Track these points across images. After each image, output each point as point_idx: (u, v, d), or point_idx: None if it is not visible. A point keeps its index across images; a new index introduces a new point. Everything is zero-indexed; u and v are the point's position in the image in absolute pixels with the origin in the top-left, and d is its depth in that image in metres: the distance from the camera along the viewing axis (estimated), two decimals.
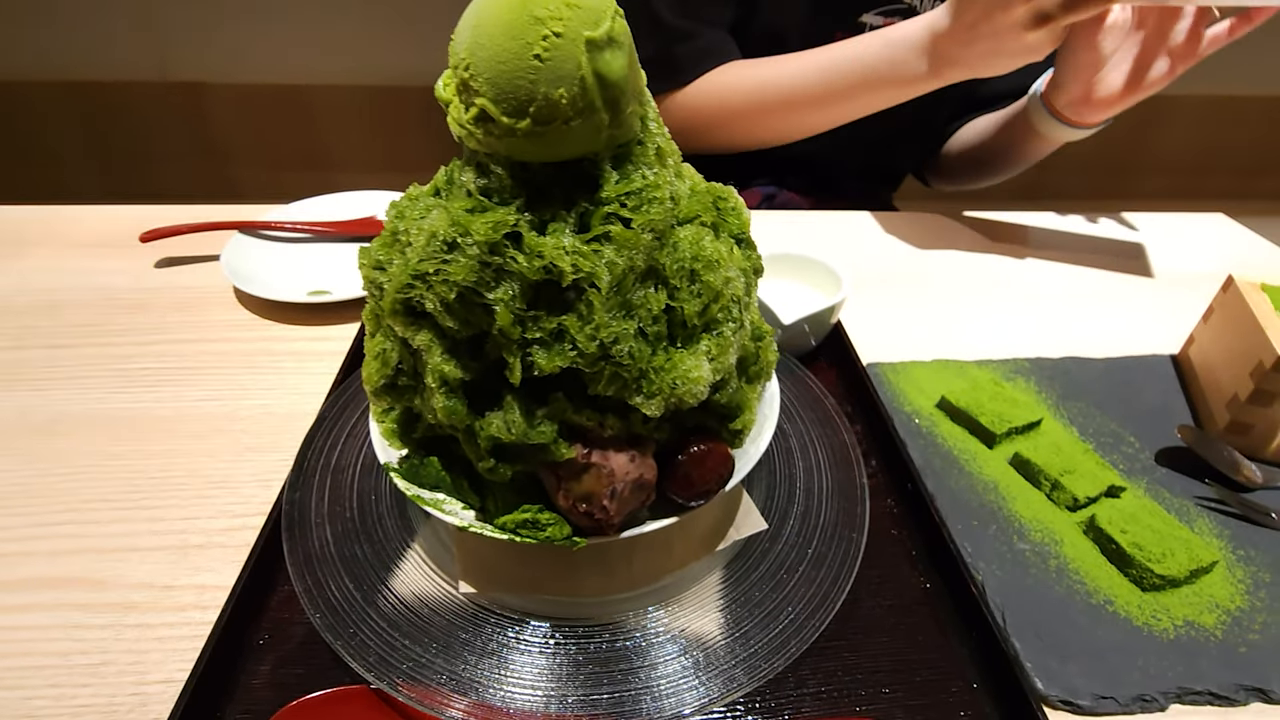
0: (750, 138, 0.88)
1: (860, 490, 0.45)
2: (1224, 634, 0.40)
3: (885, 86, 0.76)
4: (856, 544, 0.41)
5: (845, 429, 0.49)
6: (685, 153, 0.36)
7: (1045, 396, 0.58)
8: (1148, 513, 0.46)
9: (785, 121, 0.84)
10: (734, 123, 0.86)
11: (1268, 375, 0.50)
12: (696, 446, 0.34)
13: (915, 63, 0.72)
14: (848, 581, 0.39)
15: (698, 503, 0.35)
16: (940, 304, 0.72)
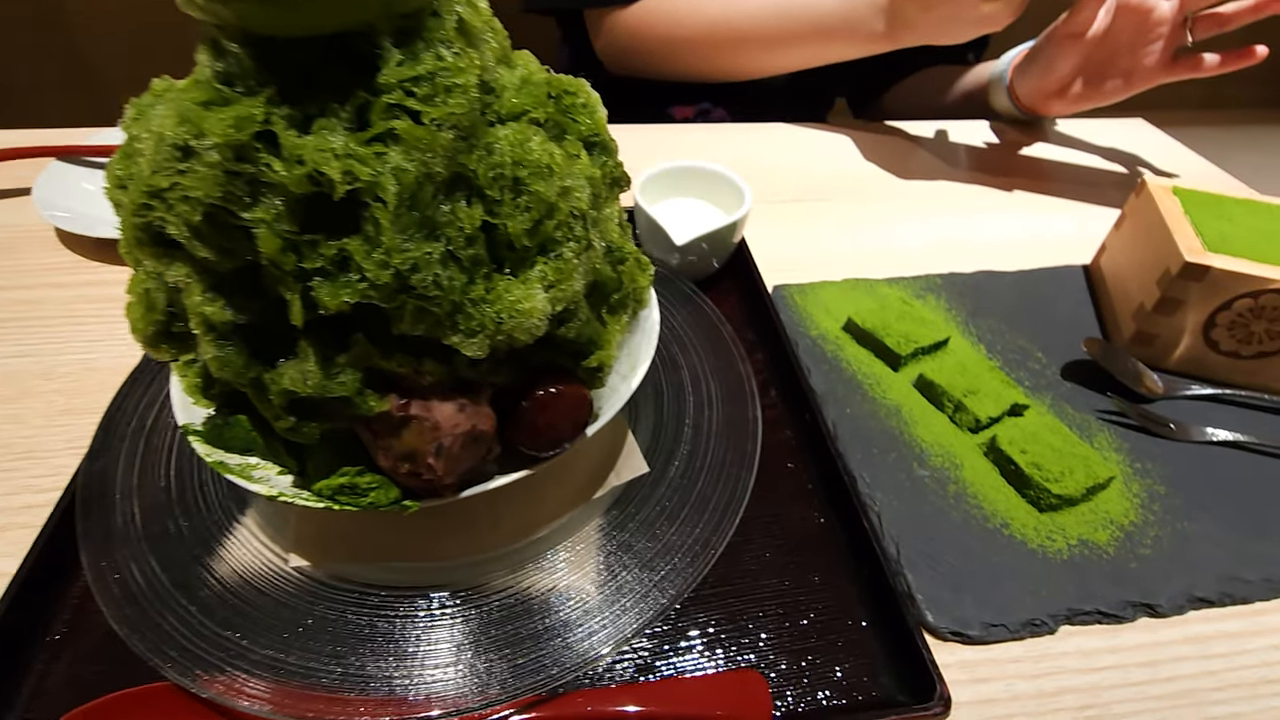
0: (695, 70, 0.84)
1: (753, 424, 0.41)
2: (1116, 550, 0.40)
3: (839, 40, 0.75)
4: (745, 483, 0.38)
5: (741, 358, 0.45)
6: (623, 76, 0.29)
7: (955, 314, 0.56)
8: (1049, 430, 0.44)
9: (734, 59, 0.81)
10: (680, 53, 0.82)
11: (1174, 282, 0.48)
12: (543, 390, 0.29)
13: (872, 21, 0.72)
14: (732, 525, 0.36)
15: (552, 453, 0.31)
16: (854, 221, 0.68)
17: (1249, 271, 0.46)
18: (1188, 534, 0.41)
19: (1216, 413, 0.49)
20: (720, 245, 0.54)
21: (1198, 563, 0.39)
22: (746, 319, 0.54)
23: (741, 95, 0.91)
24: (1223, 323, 0.48)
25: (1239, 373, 0.50)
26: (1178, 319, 0.49)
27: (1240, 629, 0.37)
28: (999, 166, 0.78)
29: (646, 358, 0.36)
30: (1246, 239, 0.49)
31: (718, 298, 0.55)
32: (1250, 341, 0.48)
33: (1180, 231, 0.49)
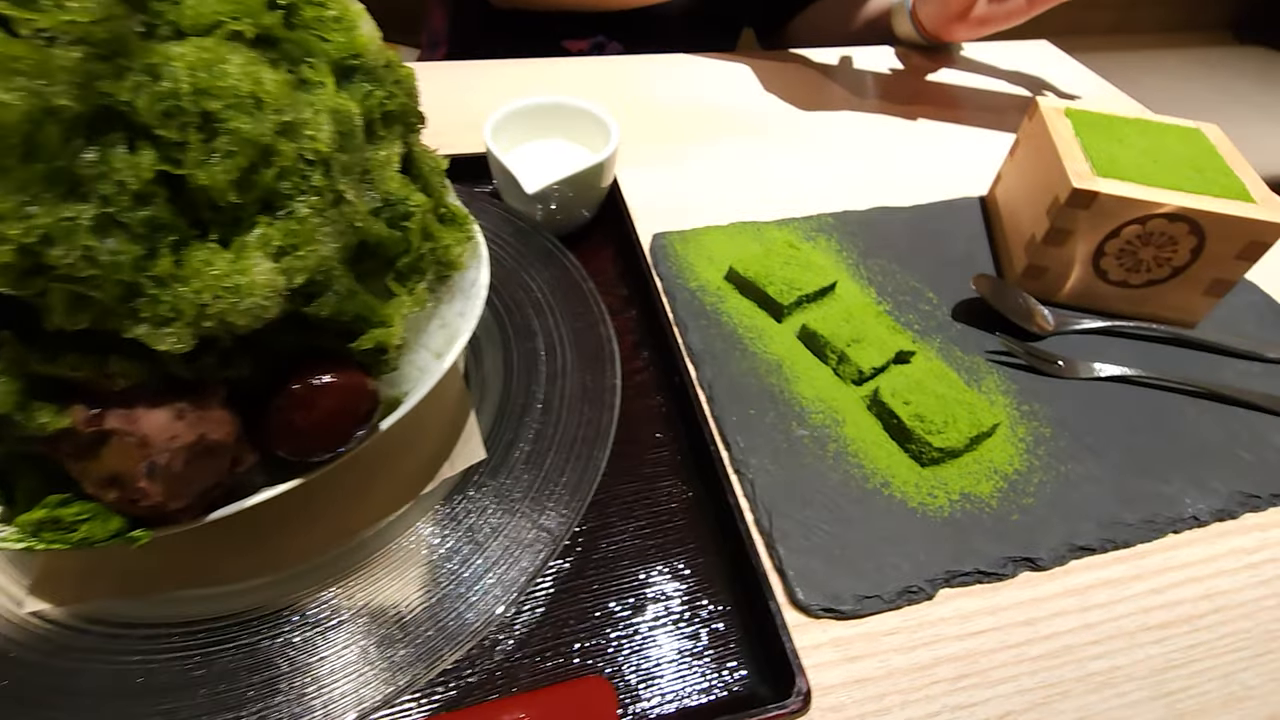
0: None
1: (610, 394, 0.37)
2: (999, 503, 0.37)
3: None
4: (596, 464, 0.34)
5: (603, 319, 0.41)
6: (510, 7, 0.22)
7: (846, 255, 0.52)
8: (935, 377, 0.41)
9: None
10: None
11: (1062, 210, 0.45)
12: (301, 383, 0.24)
13: None
14: (579, 511, 0.32)
15: (323, 458, 0.25)
16: (751, 158, 0.63)
17: (1136, 196, 0.43)
18: (1071, 478, 0.39)
19: (1108, 346, 0.47)
20: (586, 191, 0.48)
21: (1080, 508, 0.37)
22: (621, 273, 0.49)
23: (640, 27, 0.84)
24: (1111, 251, 0.46)
25: (1130, 303, 0.48)
26: (1067, 250, 0.47)
27: (1120, 575, 0.36)
28: (901, 96, 0.74)
29: (466, 329, 0.31)
30: (1136, 161, 0.46)
31: (589, 251, 0.50)
32: (1139, 270, 0.46)
33: (1070, 156, 0.46)
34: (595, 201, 0.50)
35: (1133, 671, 0.32)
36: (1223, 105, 1.69)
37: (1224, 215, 0.43)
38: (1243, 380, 0.45)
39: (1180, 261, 0.45)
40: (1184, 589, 0.35)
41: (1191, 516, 0.38)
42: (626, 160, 0.60)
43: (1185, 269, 0.46)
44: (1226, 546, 0.37)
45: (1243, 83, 1.82)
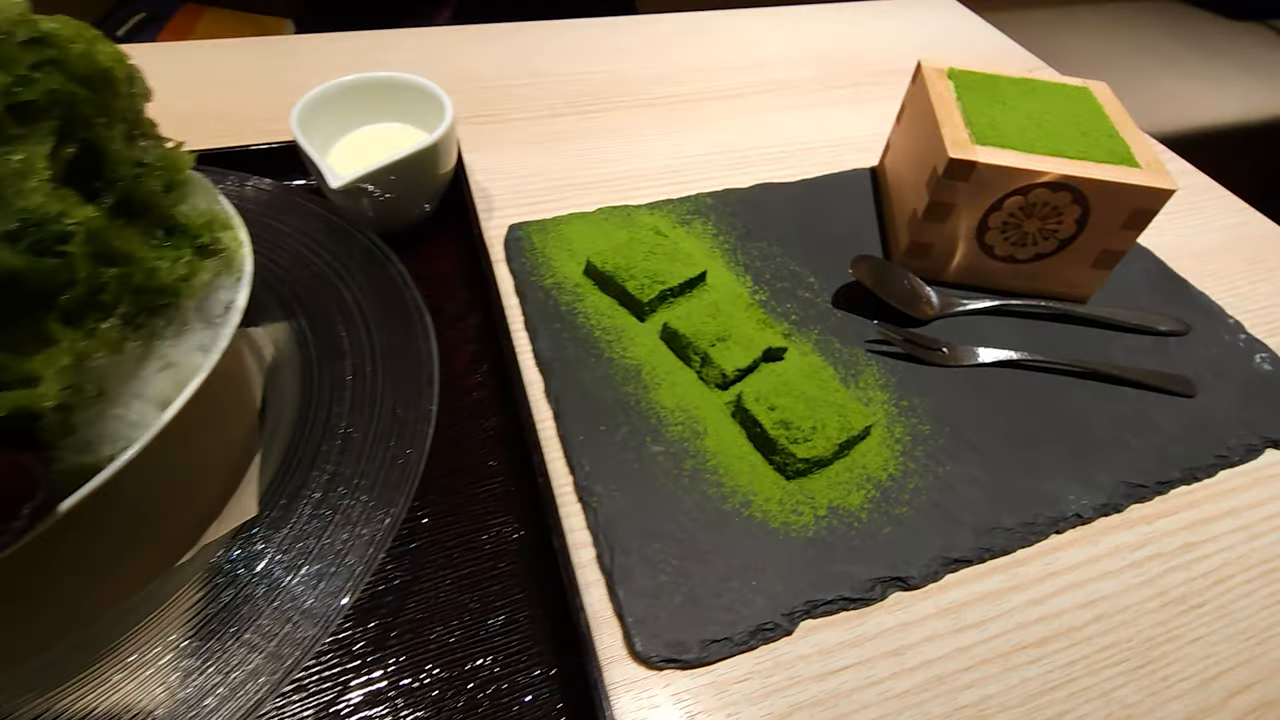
0: None
1: (424, 423, 0.32)
2: (869, 515, 0.34)
3: None
4: (397, 514, 0.29)
5: (424, 334, 0.35)
6: None
7: (724, 239, 0.48)
8: (805, 377, 0.37)
9: None
10: None
11: (940, 183, 0.41)
12: None
13: None
14: (367, 571, 0.27)
15: None
16: (624, 134, 0.57)
17: (1016, 165, 0.40)
18: (950, 480, 0.36)
19: (997, 327, 0.44)
20: (417, 182, 0.42)
21: (957, 515, 0.34)
22: (464, 274, 0.44)
23: None
24: (995, 225, 0.43)
25: (1020, 279, 0.45)
26: (950, 225, 0.43)
27: (998, 586, 0.33)
28: (791, 59, 0.69)
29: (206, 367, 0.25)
30: (1019, 126, 0.43)
31: (428, 250, 0.45)
32: (1025, 244, 0.43)
33: (948, 122, 0.42)
34: (433, 192, 0.44)
35: (1006, 700, 0.29)
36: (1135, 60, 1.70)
37: (1107, 182, 0.39)
38: (1133, 357, 0.43)
39: (1066, 233, 0.42)
40: (1065, 597, 0.33)
41: (1074, 514, 0.35)
42: (483, 142, 0.54)
43: (1072, 241, 0.42)
44: (1110, 544, 0.35)
45: (1156, 36, 1.84)
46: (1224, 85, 1.81)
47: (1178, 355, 0.43)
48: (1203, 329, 0.45)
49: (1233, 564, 0.34)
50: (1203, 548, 0.35)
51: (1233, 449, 0.39)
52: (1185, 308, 0.46)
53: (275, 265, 0.39)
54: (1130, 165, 0.40)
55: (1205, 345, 0.44)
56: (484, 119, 0.57)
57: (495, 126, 0.56)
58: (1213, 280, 0.50)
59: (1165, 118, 1.70)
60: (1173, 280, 0.48)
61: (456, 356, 0.39)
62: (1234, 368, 0.43)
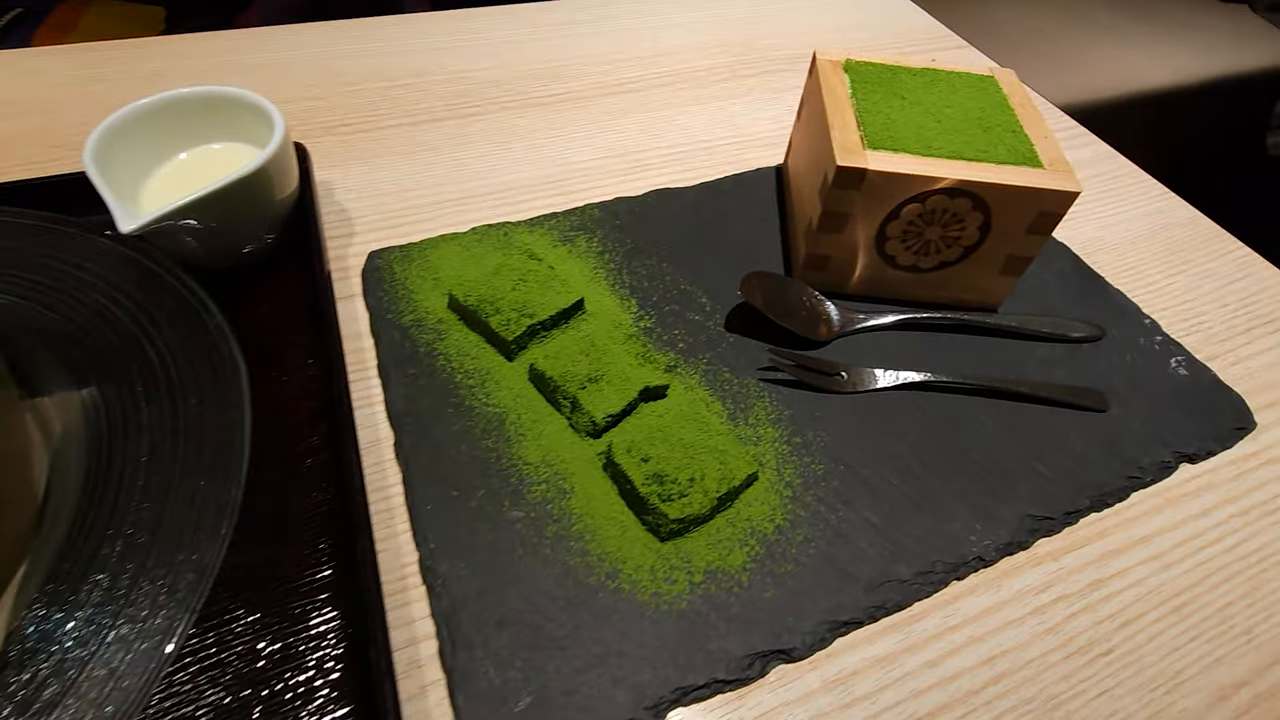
0: None
1: (227, 513, 0.27)
2: (751, 577, 0.30)
3: None
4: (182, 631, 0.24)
5: (238, 400, 0.31)
6: None
7: (610, 258, 0.43)
8: (685, 420, 0.34)
9: None
10: None
11: (831, 192, 0.37)
12: None
13: None
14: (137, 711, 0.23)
15: None
16: (507, 140, 0.52)
17: (909, 171, 0.36)
18: (842, 528, 0.32)
19: (901, 344, 0.41)
20: (242, 214, 0.37)
21: (847, 568, 0.31)
22: (310, 315, 0.39)
23: None
24: (894, 234, 0.39)
25: (926, 288, 0.42)
26: (848, 235, 0.40)
27: (890, 649, 0.30)
28: (699, 45, 0.64)
29: None
30: (917, 124, 0.39)
31: (274, 287, 0.40)
32: (928, 252, 0.40)
33: (839, 124, 0.38)
34: (269, 223, 0.38)
35: None
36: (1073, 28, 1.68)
37: (1007, 186, 0.36)
38: (1046, 369, 0.40)
39: (970, 240, 0.39)
40: (963, 655, 0.30)
41: (975, 557, 0.32)
42: (349, 154, 0.49)
43: (977, 248, 0.39)
44: (1013, 588, 0.32)
45: (1093, 4, 1.83)
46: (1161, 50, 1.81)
47: (1092, 364, 0.41)
48: (1118, 332, 0.42)
49: (1142, 600, 0.32)
50: (1112, 584, 0.32)
51: (1145, 468, 0.36)
52: (1101, 309, 0.44)
53: (70, 323, 0.33)
54: (1033, 166, 0.37)
55: (1121, 351, 0.42)
56: (352, 127, 0.51)
57: (364, 135, 0.51)
58: (1130, 275, 0.47)
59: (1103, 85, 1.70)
60: (1089, 279, 0.46)
61: (293, 415, 0.34)
62: (1149, 375, 0.40)
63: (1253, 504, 0.36)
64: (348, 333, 0.39)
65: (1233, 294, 0.47)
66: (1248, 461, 0.38)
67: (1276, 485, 0.37)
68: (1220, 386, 0.40)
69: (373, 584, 0.27)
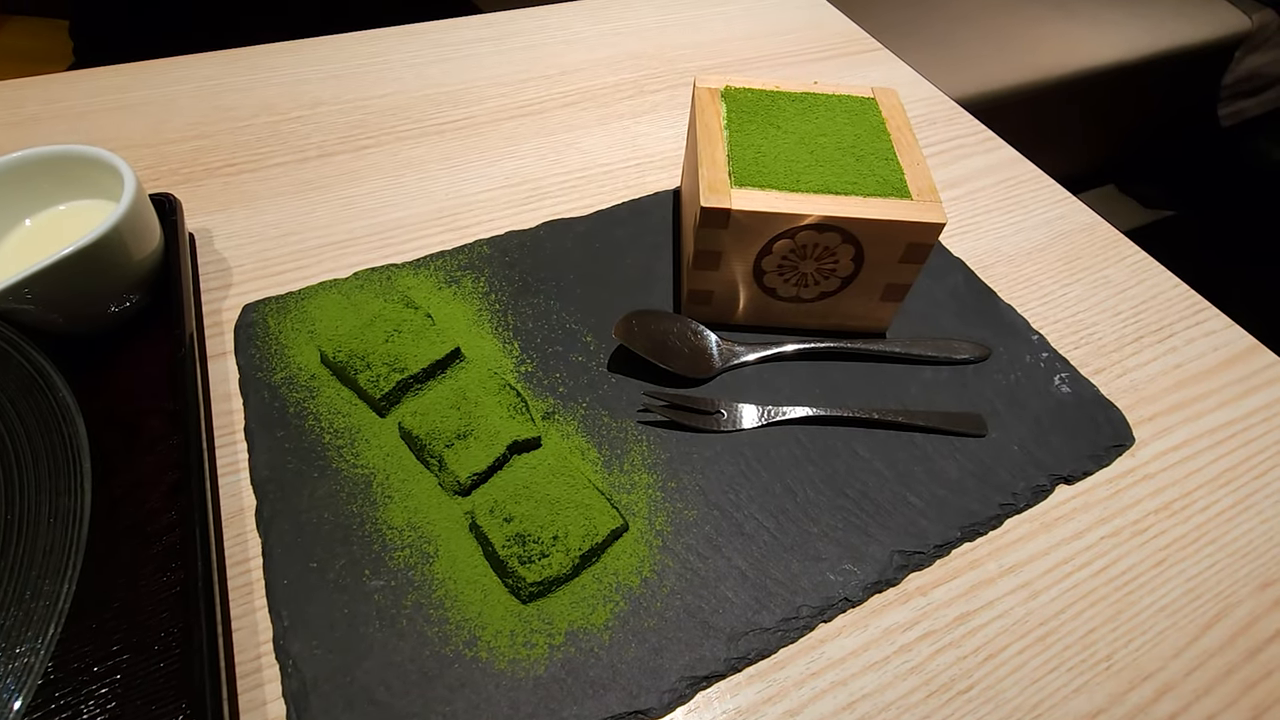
0: None
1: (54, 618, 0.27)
2: (613, 636, 0.30)
3: None
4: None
5: (76, 485, 0.30)
6: None
7: (495, 299, 0.43)
8: (554, 473, 0.33)
9: None
10: None
11: (701, 232, 0.37)
12: None
13: None
14: None
15: None
16: (395, 173, 0.51)
17: (774, 209, 0.36)
18: (709, 577, 0.32)
19: (785, 375, 0.40)
20: (93, 279, 0.35)
21: (710, 619, 0.31)
22: (175, 379, 0.38)
23: None
24: (770, 269, 0.39)
25: (811, 317, 0.42)
26: (725, 271, 0.39)
27: (752, 700, 0.30)
28: (604, 59, 0.63)
29: None
30: (788, 155, 0.39)
31: (139, 350, 0.39)
32: (807, 284, 0.40)
33: (708, 160, 0.38)
34: (132, 281, 0.37)
35: None
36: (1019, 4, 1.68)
37: (871, 221, 0.36)
38: (929, 393, 0.40)
39: (845, 271, 0.39)
40: (824, 701, 0.30)
41: (843, 599, 0.32)
42: (233, 198, 0.48)
43: (854, 278, 0.39)
44: (880, 627, 0.32)
45: None
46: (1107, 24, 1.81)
47: (975, 386, 0.41)
48: (1006, 350, 0.43)
49: (1008, 632, 0.32)
50: (979, 616, 0.33)
51: (1019, 493, 0.37)
52: (991, 325, 0.44)
53: None
54: (900, 196, 0.37)
55: (1005, 371, 0.42)
56: (237, 167, 0.50)
57: (250, 176, 0.50)
58: (1025, 288, 0.48)
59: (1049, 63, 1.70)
60: (981, 295, 0.46)
61: (153, 488, 0.33)
62: (1031, 395, 0.41)
63: (1125, 524, 0.36)
64: (219, 393, 0.38)
65: (1125, 301, 0.47)
66: (1123, 479, 0.38)
67: (1149, 501, 0.37)
68: (1101, 403, 0.41)
69: (209, 678, 0.26)
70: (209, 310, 0.41)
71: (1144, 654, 0.32)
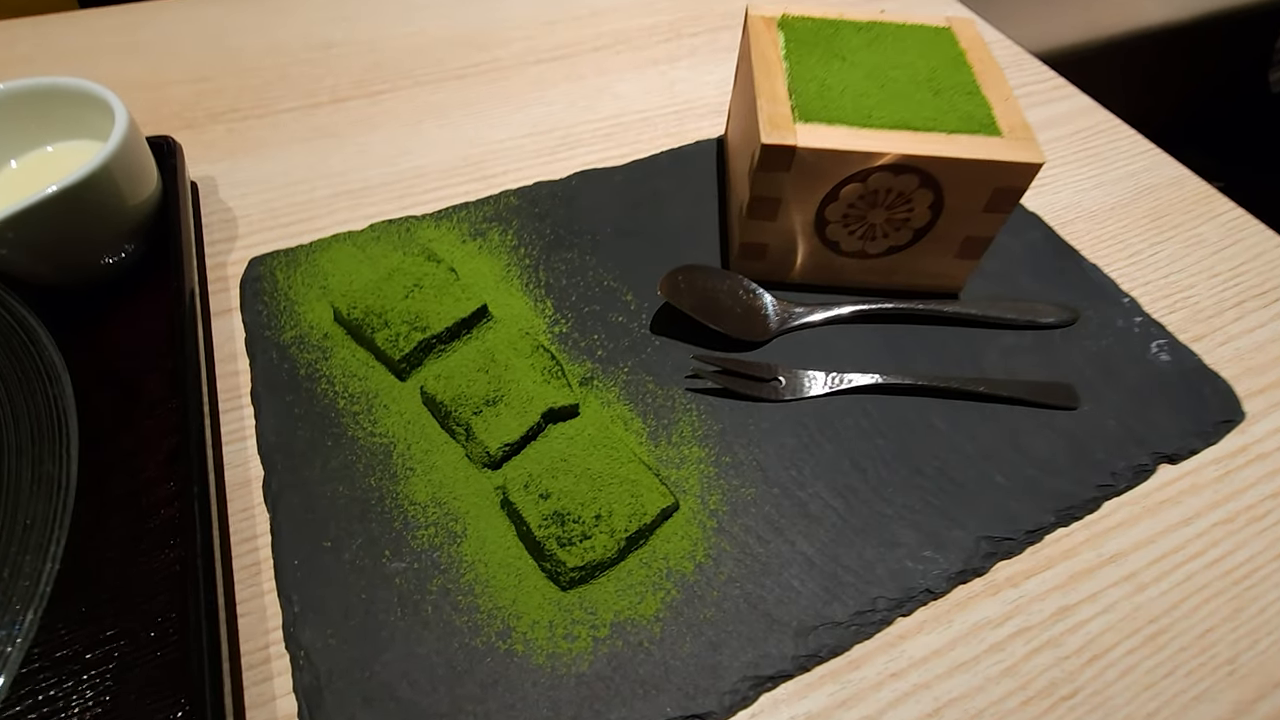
0: None
1: (33, 602, 0.23)
2: (665, 628, 0.27)
3: None
4: None
5: (61, 454, 0.26)
6: None
7: (525, 253, 0.39)
8: (596, 444, 0.30)
9: None
10: None
11: (759, 175, 0.33)
12: None
13: None
14: None
15: None
16: (415, 120, 0.47)
17: (846, 147, 0.31)
18: (770, 562, 0.29)
19: (849, 340, 0.36)
20: (83, 228, 0.32)
21: (775, 612, 0.27)
22: (174, 337, 0.34)
23: None
24: (834, 219, 0.34)
25: (875, 274, 0.38)
26: (783, 222, 0.35)
27: (823, 705, 0.26)
28: (626, 1, 0.58)
29: None
30: (857, 89, 0.34)
31: (139, 305, 0.35)
32: (874, 237, 0.35)
33: (768, 93, 0.33)
34: (126, 230, 0.34)
35: None
36: None
37: (958, 160, 0.31)
38: (1010, 361, 0.36)
39: (920, 222, 0.34)
40: (905, 708, 0.26)
41: (924, 590, 0.28)
42: (238, 145, 0.44)
43: (929, 230, 0.35)
44: (967, 623, 0.28)
45: None
46: None
47: (1063, 352, 0.36)
48: (1094, 314, 0.38)
49: (1113, 630, 0.28)
50: (1079, 611, 0.29)
51: (1119, 473, 0.32)
52: (1076, 287, 0.39)
53: None
54: (989, 134, 0.32)
55: (1096, 336, 0.37)
56: (242, 113, 0.46)
57: (257, 122, 0.46)
58: (1110, 247, 0.43)
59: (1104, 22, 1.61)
60: (1063, 253, 0.41)
61: (151, 456, 0.30)
62: (1125, 364, 0.36)
63: (1239, 509, 0.32)
64: (223, 354, 0.34)
65: (1223, 262, 0.42)
66: (1234, 459, 0.34)
67: (1266, 485, 0.33)
68: (1205, 373, 0.36)
69: (210, 669, 0.23)
70: (213, 264, 0.38)
71: (1273, 657, 0.28)
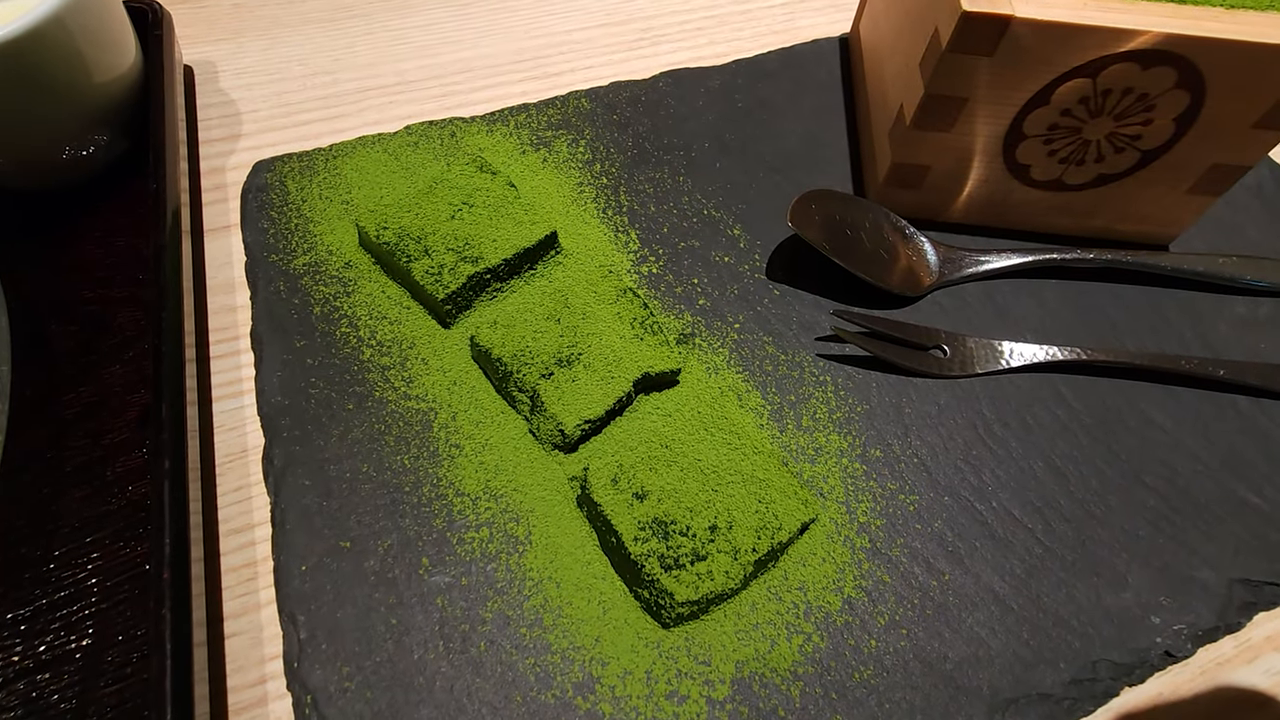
0: None
1: None
2: (804, 689, 0.19)
3: None
4: None
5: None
6: None
7: (602, 170, 0.30)
8: (705, 425, 0.22)
9: None
10: None
11: (946, 60, 0.23)
12: None
13: None
14: None
15: None
16: (458, 2, 0.38)
17: (1084, 20, 0.22)
18: (948, 604, 0.21)
19: (1030, 298, 0.27)
20: (28, 103, 0.24)
21: (959, 676, 0.20)
22: (155, 258, 0.26)
23: None
24: (1036, 130, 0.25)
25: (1067, 215, 0.28)
26: (960, 133, 0.26)
27: None
28: None
29: None
30: None
31: (115, 218, 0.27)
32: (1084, 159, 0.26)
33: None
34: (92, 113, 0.25)
35: None
36: None
37: (1249, 46, 0.22)
38: (1244, 334, 0.27)
39: (1157, 140, 0.25)
40: None
41: (1162, 652, 0.21)
42: (244, 24, 0.35)
43: (1164, 151, 0.25)
44: (1221, 699, 0.20)
45: None
46: None
47: None
48: None
49: None
50: None
51: None
52: None
53: None
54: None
55: None
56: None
57: (242, 4, 0.37)
58: None
59: None
60: None
61: (120, 413, 0.23)
62: None
63: None
64: (218, 282, 0.27)
65: None
66: None
67: None
68: None
69: (180, 714, 0.16)
70: (208, 168, 0.30)
71: None
